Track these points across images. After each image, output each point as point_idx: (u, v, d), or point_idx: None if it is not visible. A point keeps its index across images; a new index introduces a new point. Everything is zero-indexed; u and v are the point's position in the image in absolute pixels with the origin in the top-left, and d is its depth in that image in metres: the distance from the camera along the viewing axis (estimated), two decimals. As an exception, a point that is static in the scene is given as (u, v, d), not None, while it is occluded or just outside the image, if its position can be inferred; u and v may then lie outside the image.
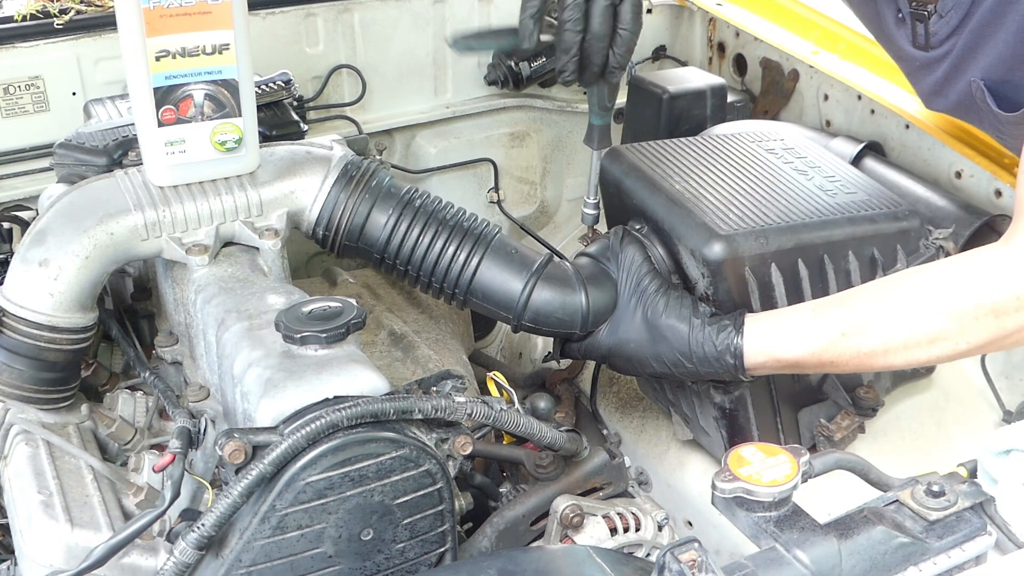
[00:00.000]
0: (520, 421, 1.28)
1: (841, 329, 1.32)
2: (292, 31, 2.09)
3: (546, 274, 1.49)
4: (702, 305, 1.43)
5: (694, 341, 1.40)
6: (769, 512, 0.90)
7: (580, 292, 1.47)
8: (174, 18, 1.31)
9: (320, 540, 1.11)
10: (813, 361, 1.35)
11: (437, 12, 2.22)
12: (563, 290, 1.47)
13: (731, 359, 1.37)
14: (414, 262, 1.48)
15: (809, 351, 1.34)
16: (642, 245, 1.48)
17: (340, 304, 1.22)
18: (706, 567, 0.81)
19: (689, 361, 1.41)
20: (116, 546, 1.13)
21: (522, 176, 2.42)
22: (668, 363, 1.43)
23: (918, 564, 0.89)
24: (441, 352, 1.65)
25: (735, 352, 1.37)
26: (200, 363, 1.42)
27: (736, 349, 1.37)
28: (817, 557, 0.86)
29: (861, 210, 1.53)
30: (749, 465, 0.93)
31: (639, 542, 1.37)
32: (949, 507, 0.91)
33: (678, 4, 2.52)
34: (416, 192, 1.50)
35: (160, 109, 1.35)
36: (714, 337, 1.38)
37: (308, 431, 1.06)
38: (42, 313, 1.32)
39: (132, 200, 1.37)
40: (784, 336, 1.36)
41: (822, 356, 1.33)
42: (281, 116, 1.71)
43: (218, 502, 1.06)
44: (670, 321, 1.42)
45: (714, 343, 1.38)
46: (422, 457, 1.13)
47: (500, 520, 1.33)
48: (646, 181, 1.57)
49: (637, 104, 2.16)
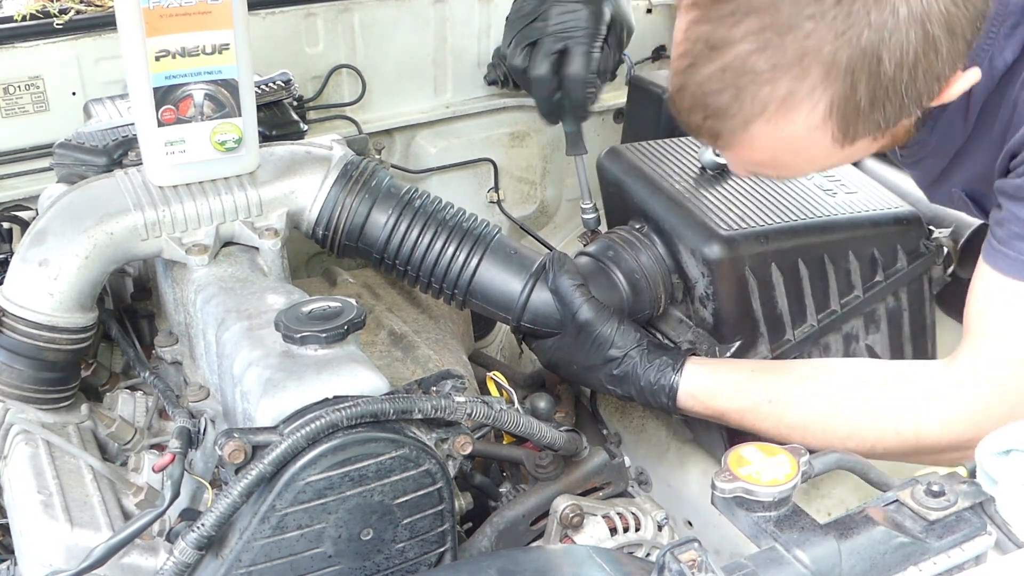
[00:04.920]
0: (520, 421, 1.28)
1: (769, 396, 1.36)
2: (292, 31, 2.09)
3: (546, 275, 1.48)
4: (645, 338, 1.45)
5: (633, 380, 1.44)
6: (769, 512, 0.90)
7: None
8: (174, 18, 1.31)
9: (320, 540, 1.11)
10: (736, 418, 1.40)
11: (437, 12, 2.22)
12: (563, 290, 1.47)
13: (666, 399, 1.42)
14: (414, 262, 1.48)
15: (735, 407, 1.39)
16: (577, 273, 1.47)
17: (340, 304, 1.22)
18: (706, 567, 0.81)
19: (629, 393, 1.46)
20: (116, 546, 1.13)
21: (522, 176, 2.42)
22: (607, 389, 1.47)
23: (918, 564, 0.89)
24: (441, 352, 1.65)
25: (671, 393, 1.42)
26: (200, 363, 1.42)
27: (672, 391, 1.41)
28: (817, 557, 0.86)
29: (861, 210, 1.53)
30: (749, 465, 0.93)
31: (639, 542, 1.37)
32: (949, 507, 0.90)
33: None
34: (416, 192, 1.50)
35: (160, 109, 1.35)
36: (652, 377, 1.42)
37: (308, 431, 1.06)
38: (42, 313, 1.32)
39: (132, 200, 1.37)
40: (717, 388, 1.41)
41: (745, 416, 1.38)
42: (281, 116, 1.71)
43: (218, 502, 1.06)
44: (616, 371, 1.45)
45: (651, 383, 1.43)
46: (422, 457, 1.13)
47: (500, 520, 1.33)
48: (646, 181, 1.58)
49: (637, 104, 2.16)
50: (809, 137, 1.08)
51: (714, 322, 1.52)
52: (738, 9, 1.02)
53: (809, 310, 1.58)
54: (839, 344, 1.65)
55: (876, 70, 1.01)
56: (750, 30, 1.01)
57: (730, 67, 1.03)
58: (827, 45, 0.99)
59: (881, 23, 0.99)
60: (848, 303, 1.62)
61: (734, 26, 1.02)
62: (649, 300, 1.54)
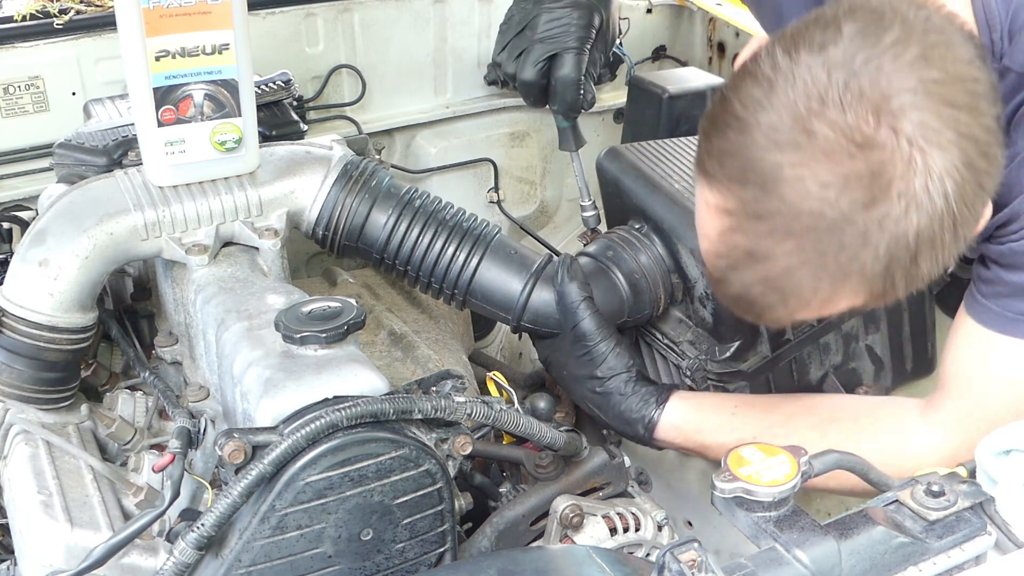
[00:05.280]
0: (520, 421, 1.28)
1: (753, 433, 1.37)
2: (292, 31, 2.09)
3: (546, 275, 1.49)
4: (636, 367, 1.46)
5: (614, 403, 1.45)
6: (769, 512, 0.90)
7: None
8: (174, 18, 1.31)
9: (320, 540, 1.11)
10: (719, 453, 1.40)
11: (437, 12, 2.22)
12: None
13: (642, 429, 1.44)
14: (413, 262, 1.48)
15: (719, 443, 1.40)
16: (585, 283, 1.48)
17: (340, 304, 1.22)
18: (706, 567, 0.81)
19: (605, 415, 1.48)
20: (116, 546, 1.13)
21: (522, 176, 2.42)
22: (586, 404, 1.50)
23: (918, 564, 0.89)
24: (441, 352, 1.65)
25: (648, 425, 1.44)
26: (200, 363, 1.42)
27: (650, 423, 1.44)
28: (817, 557, 0.86)
29: (861, 210, 1.53)
30: (749, 465, 0.93)
31: (639, 542, 1.37)
32: (949, 507, 0.91)
33: (678, 4, 2.52)
34: (416, 192, 1.50)
35: (160, 109, 1.35)
36: (632, 406, 1.44)
37: (308, 431, 1.06)
38: (42, 313, 1.32)
39: (132, 200, 1.37)
40: (701, 422, 1.44)
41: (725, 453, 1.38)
42: (281, 116, 1.71)
43: (218, 502, 1.06)
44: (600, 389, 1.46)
45: (631, 411, 1.44)
46: (422, 457, 1.13)
47: (500, 520, 1.33)
48: (646, 181, 1.57)
49: (637, 104, 2.16)
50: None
51: (714, 322, 1.51)
52: (776, 229, 1.02)
53: (809, 310, 1.58)
54: (839, 344, 1.65)
55: (912, 270, 1.03)
56: (790, 250, 1.02)
57: (774, 278, 1.05)
58: (867, 260, 1.01)
59: (916, 229, 0.99)
60: (848, 303, 1.62)
61: (774, 244, 1.03)
62: (649, 300, 1.54)
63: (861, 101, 0.96)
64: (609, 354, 1.45)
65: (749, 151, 1.01)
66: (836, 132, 0.97)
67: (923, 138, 0.96)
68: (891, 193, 0.97)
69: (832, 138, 0.97)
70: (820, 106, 0.97)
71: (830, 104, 0.97)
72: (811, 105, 0.97)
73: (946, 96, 0.97)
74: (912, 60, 0.97)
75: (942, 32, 1.01)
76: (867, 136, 0.96)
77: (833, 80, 0.97)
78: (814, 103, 0.97)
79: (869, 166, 0.97)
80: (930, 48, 0.98)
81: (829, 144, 0.97)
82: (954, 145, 0.97)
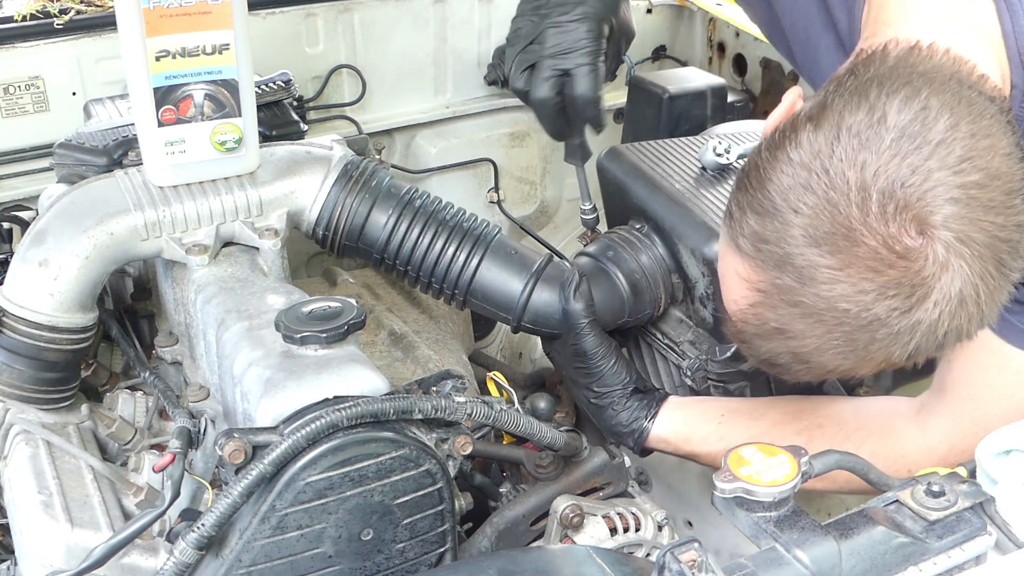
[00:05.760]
0: (520, 421, 1.28)
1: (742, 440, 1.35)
2: (292, 31, 2.09)
3: (546, 275, 1.49)
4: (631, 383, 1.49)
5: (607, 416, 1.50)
6: (769, 512, 0.90)
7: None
8: (174, 18, 1.31)
9: (320, 540, 1.11)
10: (709, 460, 1.44)
11: (437, 12, 2.22)
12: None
13: (632, 443, 1.49)
14: (414, 262, 1.48)
15: (707, 451, 1.44)
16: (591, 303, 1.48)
17: (340, 304, 1.22)
18: (706, 567, 0.81)
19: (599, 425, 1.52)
20: (116, 546, 1.13)
21: (522, 176, 2.42)
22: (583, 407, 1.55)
23: (918, 564, 0.89)
24: (441, 352, 1.65)
25: (638, 439, 1.48)
26: (200, 363, 1.42)
27: (640, 437, 1.48)
28: (817, 557, 0.86)
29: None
30: (749, 465, 0.93)
31: (639, 542, 1.37)
32: (949, 507, 0.90)
33: (678, 4, 2.52)
34: (416, 192, 1.50)
35: (160, 109, 1.35)
36: (624, 420, 1.48)
37: (308, 431, 1.06)
38: (42, 313, 1.32)
39: (132, 200, 1.37)
40: (689, 433, 1.47)
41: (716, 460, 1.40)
42: (281, 116, 1.71)
43: (218, 502, 1.06)
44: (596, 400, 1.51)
45: (622, 425, 1.48)
46: (422, 457, 1.13)
47: (500, 520, 1.32)
48: (646, 181, 1.57)
49: (637, 104, 2.16)
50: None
51: (714, 322, 1.51)
52: (808, 316, 1.02)
53: (809, 310, 1.58)
54: (839, 344, 1.64)
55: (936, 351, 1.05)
56: (820, 334, 1.03)
57: (801, 353, 1.06)
58: (896, 351, 1.02)
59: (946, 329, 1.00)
60: (848, 303, 1.62)
61: (805, 328, 1.03)
62: (650, 300, 1.54)
63: (905, 212, 0.96)
64: (607, 372, 1.48)
65: (787, 246, 1.01)
66: (878, 241, 0.96)
67: (961, 247, 0.96)
68: (927, 303, 0.98)
69: (872, 247, 0.97)
70: (862, 214, 0.96)
71: (872, 213, 0.96)
72: (852, 212, 0.97)
73: (984, 200, 0.97)
74: (956, 164, 0.96)
75: (984, 120, 0.99)
76: (907, 248, 0.96)
77: (878, 187, 0.96)
78: (855, 210, 0.96)
79: (908, 276, 0.97)
80: (974, 146, 0.97)
81: (869, 253, 0.97)
82: (988, 249, 0.98)
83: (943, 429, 1.30)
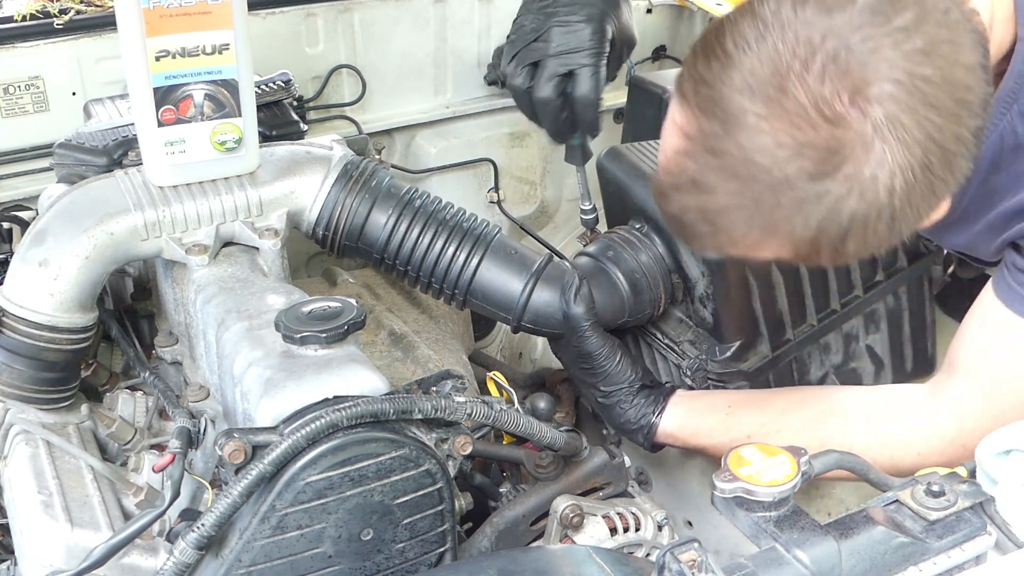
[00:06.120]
0: (520, 421, 1.28)
1: (749, 432, 1.39)
2: (292, 31, 2.09)
3: (546, 275, 1.49)
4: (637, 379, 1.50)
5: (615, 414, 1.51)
6: (769, 512, 0.90)
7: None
8: (174, 18, 1.31)
9: (320, 540, 1.11)
10: (716, 453, 1.43)
11: (437, 12, 2.22)
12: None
13: (642, 439, 1.50)
14: (414, 262, 1.48)
15: (715, 444, 1.44)
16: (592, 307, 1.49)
17: (340, 304, 1.22)
18: (706, 567, 0.81)
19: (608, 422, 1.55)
20: (116, 546, 1.13)
21: (522, 176, 2.42)
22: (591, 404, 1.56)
23: (918, 564, 0.89)
24: (441, 352, 1.65)
25: (647, 435, 1.49)
26: (200, 363, 1.42)
27: (649, 433, 1.49)
28: (817, 557, 0.86)
29: (861, 210, 1.53)
30: (749, 465, 0.93)
31: (639, 542, 1.37)
32: (949, 507, 0.90)
33: (678, 4, 2.52)
34: (416, 192, 1.50)
35: (160, 109, 1.35)
36: (632, 417, 1.49)
37: (308, 431, 1.06)
38: (42, 313, 1.32)
39: (132, 200, 1.37)
40: (697, 427, 1.47)
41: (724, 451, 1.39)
42: (281, 116, 1.71)
43: (218, 502, 1.06)
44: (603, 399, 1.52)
45: (630, 423, 1.49)
46: (422, 457, 1.13)
47: (500, 520, 1.33)
48: (646, 181, 1.57)
49: (637, 104, 2.16)
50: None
51: (714, 322, 1.52)
52: (724, 168, 1.02)
53: (809, 310, 1.58)
54: (839, 344, 1.65)
55: (839, 246, 1.03)
56: (731, 190, 1.02)
57: (710, 211, 1.05)
58: (797, 224, 1.01)
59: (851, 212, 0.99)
60: (848, 303, 1.62)
61: (718, 181, 1.03)
62: (650, 300, 1.54)
63: (843, 77, 0.95)
64: (612, 371, 1.49)
65: (723, 88, 1.00)
66: (808, 99, 0.96)
67: (889, 130, 0.95)
68: (839, 173, 0.97)
69: (802, 103, 0.96)
70: (802, 68, 0.96)
71: (813, 70, 0.96)
72: (794, 64, 0.96)
73: (930, 97, 0.96)
74: (911, 52, 0.95)
75: (955, 30, 0.99)
76: (836, 112, 0.95)
77: (825, 47, 0.95)
78: (797, 63, 0.96)
79: (827, 141, 0.96)
80: (935, 44, 0.97)
81: (797, 108, 0.96)
82: (918, 145, 0.96)
83: (961, 406, 1.28)
